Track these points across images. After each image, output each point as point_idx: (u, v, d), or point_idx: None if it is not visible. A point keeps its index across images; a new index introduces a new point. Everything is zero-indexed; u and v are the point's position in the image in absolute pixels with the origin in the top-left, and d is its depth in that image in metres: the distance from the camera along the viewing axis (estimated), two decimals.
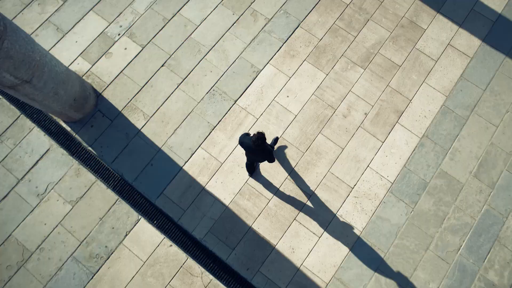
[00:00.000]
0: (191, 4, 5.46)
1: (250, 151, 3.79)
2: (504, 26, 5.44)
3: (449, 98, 5.08)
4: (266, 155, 3.73)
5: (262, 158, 3.83)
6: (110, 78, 5.11)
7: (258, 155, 3.76)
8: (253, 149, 3.68)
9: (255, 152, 3.73)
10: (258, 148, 3.54)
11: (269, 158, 3.80)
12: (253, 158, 4.00)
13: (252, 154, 3.84)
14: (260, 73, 5.16)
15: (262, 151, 3.66)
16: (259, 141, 3.44)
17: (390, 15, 5.48)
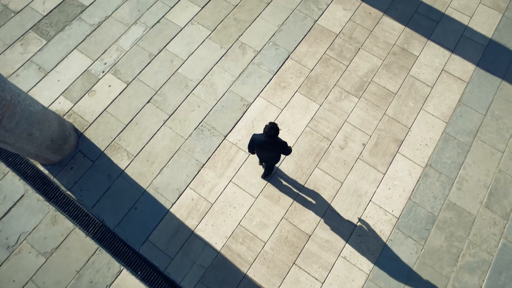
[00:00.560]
0: (177, 39, 5.35)
1: (263, 147, 3.48)
2: (496, 50, 5.35)
3: (449, 124, 4.85)
4: (281, 148, 3.44)
5: (276, 153, 3.52)
6: (92, 117, 4.84)
7: (271, 150, 3.46)
8: (266, 144, 3.40)
9: (268, 147, 3.44)
10: (271, 139, 3.22)
11: (284, 150, 3.49)
12: (267, 157, 3.67)
13: (265, 150, 3.52)
14: (250, 106, 4.93)
15: (275, 145, 3.39)
16: (272, 131, 3.14)
17: (381, 43, 5.38)
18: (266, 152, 3.58)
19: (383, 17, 5.60)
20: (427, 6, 5.70)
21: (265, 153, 3.61)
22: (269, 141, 3.32)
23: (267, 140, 3.32)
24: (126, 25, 5.44)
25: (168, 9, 5.58)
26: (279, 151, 3.51)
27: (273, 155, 3.63)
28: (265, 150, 3.54)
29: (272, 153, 3.56)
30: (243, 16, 5.56)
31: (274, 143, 3.37)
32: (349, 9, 5.66)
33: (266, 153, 3.60)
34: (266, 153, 3.61)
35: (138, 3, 5.60)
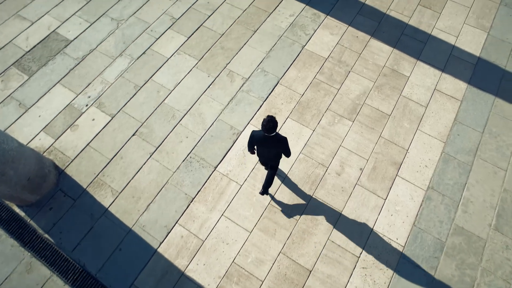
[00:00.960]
0: (164, 69, 5.23)
1: (262, 143, 3.40)
2: (485, 68, 5.32)
3: (447, 144, 4.68)
4: (281, 144, 3.36)
5: (276, 150, 3.45)
6: (74, 153, 4.58)
7: (271, 146, 3.39)
8: (266, 140, 3.34)
9: (268, 143, 3.37)
10: (270, 132, 3.16)
11: (284, 147, 3.40)
12: (267, 155, 3.58)
13: (265, 148, 3.45)
14: (241, 135, 4.73)
15: (275, 141, 3.32)
16: (271, 124, 3.10)
17: (370, 66, 5.32)
18: (266, 150, 3.50)
19: (370, 40, 5.59)
20: (413, 28, 5.72)
21: (265, 151, 3.53)
22: (269, 136, 3.27)
23: (266, 136, 3.28)
24: (111, 58, 5.32)
25: (154, 40, 5.51)
26: (279, 148, 3.43)
27: (273, 153, 3.54)
28: (265, 147, 3.47)
29: (273, 150, 3.48)
30: (230, 45, 5.50)
31: (274, 138, 3.31)
32: (336, 34, 5.65)
33: (266, 151, 3.52)
34: (266, 151, 3.52)
35: (123, 36, 5.53)
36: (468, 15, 5.89)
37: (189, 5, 5.90)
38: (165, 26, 5.66)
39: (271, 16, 5.83)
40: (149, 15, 5.77)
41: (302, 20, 5.79)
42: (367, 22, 5.78)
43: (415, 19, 5.83)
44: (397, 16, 5.86)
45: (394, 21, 5.80)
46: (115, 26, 5.64)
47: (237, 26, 5.70)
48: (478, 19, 5.84)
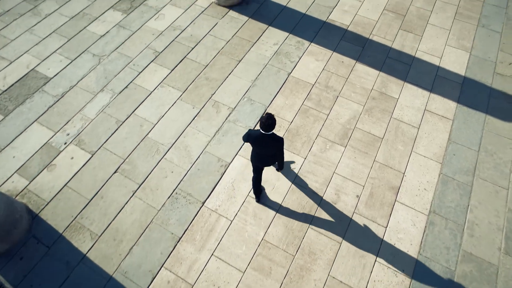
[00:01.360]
0: (147, 103, 5.06)
1: (259, 142, 3.36)
2: (472, 87, 5.30)
3: (444, 165, 4.51)
4: (277, 144, 3.33)
5: (273, 151, 3.41)
6: (51, 194, 4.25)
7: (268, 146, 3.35)
8: (263, 140, 3.30)
9: (265, 143, 3.32)
10: (269, 131, 3.18)
11: (280, 147, 3.39)
12: (263, 155, 3.51)
13: (261, 147, 3.39)
14: (229, 167, 4.49)
15: (272, 140, 3.29)
16: (270, 121, 3.12)
17: (358, 89, 5.25)
18: (262, 150, 3.43)
19: (356, 64, 5.57)
20: (397, 51, 5.75)
21: (260, 151, 3.46)
22: (266, 135, 3.26)
23: (263, 134, 3.27)
24: (92, 93, 5.15)
25: (137, 74, 5.38)
26: (275, 148, 3.39)
27: (268, 155, 3.49)
28: (260, 147, 3.40)
29: (268, 151, 3.43)
30: (214, 75, 5.41)
31: (271, 138, 3.29)
32: (321, 60, 5.63)
33: (262, 151, 3.45)
34: (261, 151, 3.45)
35: (105, 71, 5.40)
36: (449, 37, 5.97)
37: (172, 38, 5.87)
38: (148, 59, 5.57)
39: (255, 46, 5.81)
40: (131, 50, 5.69)
41: (286, 48, 5.78)
42: (351, 47, 5.81)
43: (398, 42, 5.88)
44: (380, 40, 5.91)
45: (378, 45, 5.84)
46: (97, 61, 5.53)
47: (221, 56, 5.65)
48: (458, 40, 5.92)
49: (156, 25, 6.06)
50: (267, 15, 6.29)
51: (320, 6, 6.47)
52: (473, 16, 6.31)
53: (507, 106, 5.09)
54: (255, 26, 6.10)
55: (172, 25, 6.07)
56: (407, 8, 6.44)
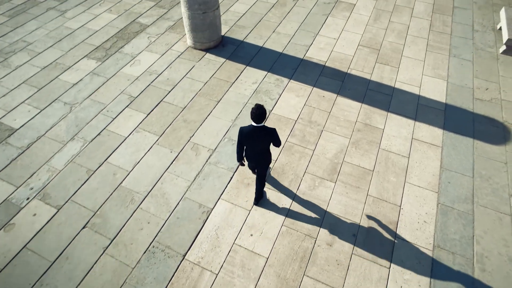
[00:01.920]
0: (121, 150, 4.73)
1: (252, 136, 3.41)
2: (455, 113, 5.25)
3: (441, 194, 4.25)
4: (270, 135, 3.41)
5: (266, 144, 3.49)
6: (6, 260, 3.69)
7: (261, 139, 3.41)
8: (255, 132, 3.36)
9: (257, 136, 3.39)
10: (260, 121, 3.24)
11: (273, 138, 3.46)
12: (255, 150, 3.56)
13: (255, 141, 3.45)
14: (211, 213, 4.09)
15: (265, 132, 3.37)
16: (260, 111, 3.19)
17: (342, 122, 5.11)
18: (256, 144, 3.48)
19: (337, 98, 5.50)
20: (376, 83, 5.75)
21: (254, 145, 3.50)
22: (258, 127, 3.33)
23: (255, 127, 3.33)
24: (61, 143, 4.79)
25: (110, 120, 5.11)
26: (269, 140, 3.46)
27: (262, 149, 3.55)
28: (254, 141, 3.45)
29: (262, 144, 3.48)
30: (193, 117, 5.19)
31: (263, 130, 3.36)
32: (302, 96, 5.54)
33: (256, 145, 3.49)
34: (255, 145, 3.49)
35: (77, 119, 5.11)
36: (424, 67, 6.07)
37: (148, 83, 5.71)
38: (123, 105, 5.34)
39: (233, 86, 5.71)
40: (105, 96, 5.47)
41: (265, 86, 5.69)
42: (331, 82, 5.78)
43: (376, 75, 5.91)
44: (358, 74, 5.93)
45: (357, 78, 5.84)
46: (68, 110, 5.25)
47: (199, 98, 5.48)
48: (434, 70, 6.01)
49: (131, 71, 5.93)
50: (244, 56, 6.30)
51: (296, 45, 6.56)
52: (444, 48, 6.51)
53: (493, 130, 5.02)
54: (232, 67, 6.06)
55: (148, 70, 5.96)
56: (380, 43, 6.60)
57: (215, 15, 6.00)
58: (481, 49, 6.49)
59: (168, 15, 7.31)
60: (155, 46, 6.47)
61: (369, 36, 6.78)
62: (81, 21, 7.06)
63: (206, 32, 6.13)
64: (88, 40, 6.59)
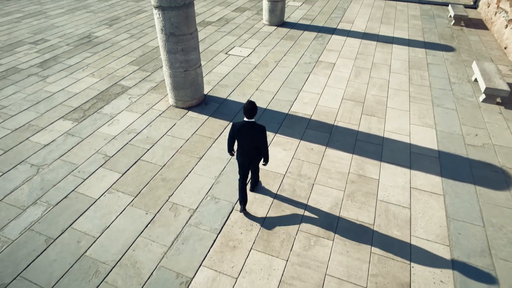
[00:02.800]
0: (89, 213, 4.17)
1: (243, 131, 3.65)
2: (450, 159, 5.01)
3: (453, 247, 3.75)
4: (260, 132, 3.64)
5: (255, 138, 3.68)
6: None
7: (252, 134, 3.64)
8: (246, 127, 3.61)
9: (248, 130, 3.63)
10: (251, 115, 3.55)
11: (262, 135, 3.67)
12: (249, 147, 3.77)
13: (245, 137, 3.68)
14: (191, 284, 3.44)
15: (255, 129, 3.61)
16: (251, 105, 3.50)
17: (334, 174, 4.76)
18: (247, 139, 3.69)
19: (326, 150, 5.24)
20: (365, 134, 5.57)
21: (245, 141, 3.71)
22: (249, 123, 3.59)
23: (247, 123, 3.59)
24: (20, 208, 4.21)
25: (81, 181, 4.62)
26: (259, 137, 3.67)
27: (253, 145, 3.74)
28: (245, 137, 3.67)
29: (253, 140, 3.69)
30: (172, 175, 4.77)
31: (253, 126, 3.60)
32: (289, 149, 5.26)
33: (247, 140, 3.71)
34: (246, 141, 3.71)
35: (42, 181, 4.60)
36: (410, 117, 6.00)
37: (125, 141, 5.38)
38: (96, 165, 4.91)
39: (216, 142, 5.42)
40: (78, 157, 5.06)
41: None
42: (318, 134, 5.58)
43: (364, 125, 5.77)
44: (345, 125, 5.78)
45: (345, 130, 5.68)
46: (35, 172, 4.77)
47: (180, 155, 5.13)
48: (420, 119, 5.94)
49: (109, 131, 5.63)
50: (227, 112, 6.16)
51: (280, 101, 6.52)
52: (426, 99, 6.56)
53: (493, 175, 4.74)
54: (216, 123, 5.86)
55: (126, 129, 5.68)
56: (364, 96, 6.63)
57: (197, 73, 5.98)
58: (461, 98, 6.57)
59: (151, 78, 7.33)
60: (136, 106, 6.30)
61: (352, 90, 6.85)
62: (62, 85, 6.96)
63: (188, 90, 6.04)
64: (67, 102, 6.40)
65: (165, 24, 5.23)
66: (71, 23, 10.50)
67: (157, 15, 5.22)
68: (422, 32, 9.91)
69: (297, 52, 8.58)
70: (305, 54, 8.47)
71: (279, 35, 9.69)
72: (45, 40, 9.22)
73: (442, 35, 9.68)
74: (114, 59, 8.12)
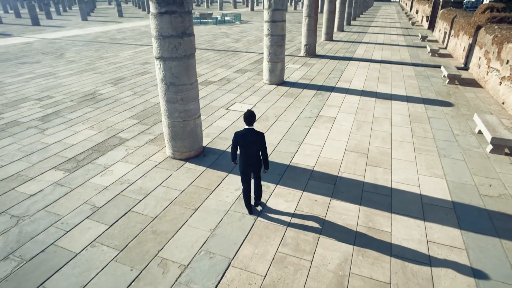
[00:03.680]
0: (66, 269, 3.67)
1: (245, 138, 4.10)
2: (467, 210, 4.62)
3: None
4: (260, 137, 4.14)
5: (256, 143, 4.13)
6: None
7: (253, 140, 4.10)
8: (248, 135, 4.09)
9: (249, 137, 4.10)
10: (251, 122, 4.08)
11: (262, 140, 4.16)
12: (250, 153, 4.16)
13: (247, 142, 4.11)
14: None
15: (256, 134, 4.11)
16: (249, 113, 4.07)
17: (342, 227, 4.33)
18: (249, 144, 4.11)
19: (331, 201, 4.87)
20: (371, 185, 5.25)
21: (247, 146, 4.12)
22: (249, 129, 4.09)
23: (247, 129, 4.09)
24: None
25: (63, 234, 4.20)
26: (259, 142, 4.14)
27: (254, 149, 4.15)
28: (247, 142, 4.10)
29: (254, 145, 4.12)
30: (164, 227, 4.35)
31: (254, 132, 4.10)
32: (291, 200, 4.90)
33: (248, 145, 4.12)
34: (248, 146, 4.12)
35: (20, 234, 4.18)
36: (418, 168, 5.74)
37: (117, 192, 5.06)
38: (82, 216, 4.52)
39: (214, 193, 5.09)
40: (64, 207, 4.69)
41: None
42: (322, 185, 5.26)
43: (370, 176, 5.48)
44: (350, 176, 5.49)
45: (350, 181, 5.37)
46: (14, 223, 4.37)
47: (174, 206, 4.77)
48: (428, 169, 5.67)
49: (101, 181, 5.34)
50: (226, 164, 5.92)
51: (281, 152, 6.33)
52: (431, 150, 6.37)
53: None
54: (213, 175, 5.58)
55: (119, 179, 5.39)
56: (367, 148, 6.45)
57: (195, 123, 5.90)
58: (468, 149, 6.37)
59: (150, 130, 7.26)
60: (132, 157, 6.10)
61: (355, 142, 6.70)
62: (59, 137, 6.86)
63: (186, 141, 5.89)
64: (61, 153, 6.22)
65: (165, 74, 5.29)
66: (78, 82, 10.88)
67: (158, 66, 5.31)
68: (419, 89, 10.15)
69: (297, 108, 8.66)
70: (305, 109, 8.53)
71: (279, 92, 9.93)
72: (50, 97, 9.44)
73: (439, 92, 9.89)
74: (115, 114, 8.17)
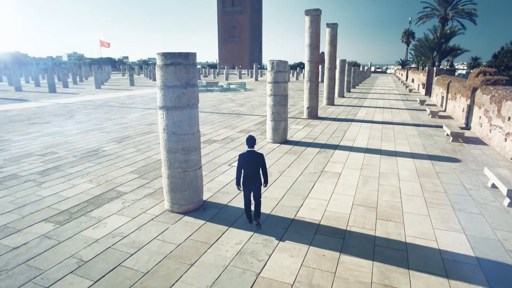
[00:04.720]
0: None
1: (247, 159, 4.87)
2: (495, 268, 4.12)
3: None
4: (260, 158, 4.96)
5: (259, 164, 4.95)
6: None
7: (254, 160, 4.89)
8: (250, 156, 4.87)
9: (251, 158, 4.88)
10: (252, 143, 4.94)
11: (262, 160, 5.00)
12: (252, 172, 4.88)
13: (249, 163, 4.88)
14: None
15: (256, 155, 4.92)
16: (250, 136, 5.01)
17: (354, 285, 3.84)
18: (251, 165, 4.89)
19: (341, 256, 4.43)
20: (383, 239, 4.83)
21: (250, 166, 4.89)
22: (251, 151, 4.89)
23: (249, 151, 4.89)
24: None
25: None
26: (260, 163, 4.96)
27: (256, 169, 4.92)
28: (249, 163, 4.87)
29: (255, 165, 4.91)
30: (155, 283, 3.89)
31: (255, 153, 4.92)
32: (297, 255, 4.46)
33: (250, 166, 4.89)
34: (250, 166, 4.89)
35: None
36: (432, 221, 5.34)
37: (107, 245, 4.67)
38: (66, 271, 4.09)
39: (213, 247, 4.68)
40: (47, 261, 4.28)
41: (251, 247, 4.68)
42: (330, 239, 4.85)
43: (381, 230, 5.07)
44: (360, 230, 5.09)
45: (360, 235, 4.96)
46: None
47: (168, 261, 4.34)
48: (444, 223, 5.26)
49: (92, 234, 4.98)
50: (227, 218, 5.58)
51: (285, 206, 6.00)
52: (445, 203, 6.01)
53: None
54: (213, 228, 5.21)
55: (112, 232, 5.03)
56: (376, 202, 6.11)
57: (196, 175, 5.71)
58: (484, 203, 6.00)
59: (150, 185, 7.04)
60: (128, 210, 5.79)
61: (362, 196, 6.38)
62: (55, 190, 6.64)
63: (186, 193, 5.64)
64: (55, 205, 5.94)
65: (167, 123, 5.28)
66: (83, 140, 11.01)
67: (161, 115, 5.34)
68: (423, 147, 10.07)
69: (301, 164, 8.51)
70: (309, 166, 8.38)
71: (283, 150, 9.89)
72: (54, 153, 9.45)
73: (444, 149, 9.79)
74: (116, 169, 8.05)
